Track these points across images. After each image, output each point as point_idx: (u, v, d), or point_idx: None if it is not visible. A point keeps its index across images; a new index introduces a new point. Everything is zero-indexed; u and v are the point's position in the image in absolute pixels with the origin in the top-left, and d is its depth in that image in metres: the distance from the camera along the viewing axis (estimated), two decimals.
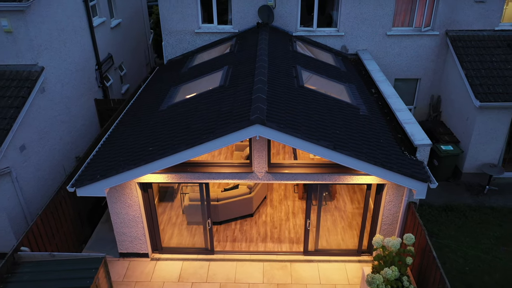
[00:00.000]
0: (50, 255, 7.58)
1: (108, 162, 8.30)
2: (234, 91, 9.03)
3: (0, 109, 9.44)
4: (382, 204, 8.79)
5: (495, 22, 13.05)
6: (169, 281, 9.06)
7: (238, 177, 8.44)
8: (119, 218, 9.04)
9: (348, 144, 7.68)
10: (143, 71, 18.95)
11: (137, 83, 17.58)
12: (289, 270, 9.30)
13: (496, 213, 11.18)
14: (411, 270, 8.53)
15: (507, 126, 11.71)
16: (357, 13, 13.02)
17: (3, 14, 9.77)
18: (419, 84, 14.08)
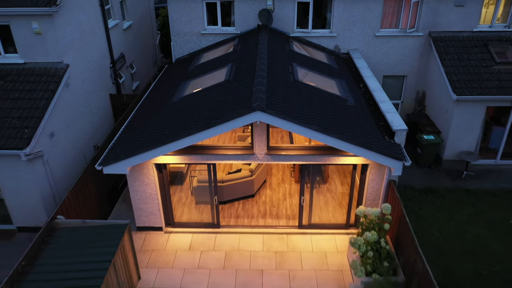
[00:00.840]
0: (82, 222, 9.00)
1: (129, 145, 9.72)
2: (238, 84, 10.45)
3: (33, 100, 10.87)
4: (367, 183, 10.20)
5: (474, 24, 14.47)
6: (181, 249, 10.48)
7: (241, 158, 9.86)
8: (137, 195, 10.45)
9: (335, 129, 9.10)
10: (151, 69, 20.38)
11: (146, 80, 19.01)
12: (286, 240, 10.72)
13: (471, 194, 12.59)
14: (390, 238, 9.93)
15: (482, 118, 13.12)
16: (348, 16, 14.45)
17: (34, 17, 11.20)
18: (405, 81, 15.50)
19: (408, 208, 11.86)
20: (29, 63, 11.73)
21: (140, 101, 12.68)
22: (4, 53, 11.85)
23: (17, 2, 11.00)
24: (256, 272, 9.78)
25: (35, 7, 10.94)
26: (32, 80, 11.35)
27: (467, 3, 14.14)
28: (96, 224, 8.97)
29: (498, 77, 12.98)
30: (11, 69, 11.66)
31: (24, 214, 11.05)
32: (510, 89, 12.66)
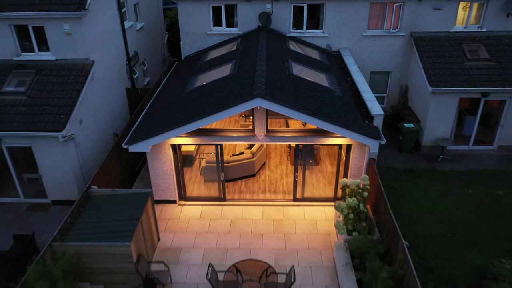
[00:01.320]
0: (112, 190, 10.87)
1: (151, 128, 11.58)
2: (241, 77, 12.31)
3: (65, 91, 12.74)
4: (351, 160, 12.05)
5: (450, 25, 16.33)
6: (193, 218, 12.35)
7: (244, 139, 11.72)
8: (155, 172, 12.31)
9: (322, 113, 10.95)
10: (160, 67, 22.25)
11: (155, 76, 20.87)
12: (282, 211, 12.58)
13: (444, 175, 14.44)
14: (370, 207, 11.78)
15: (455, 108, 14.98)
16: (338, 18, 16.30)
17: (65, 20, 13.07)
18: (390, 76, 17.37)
19: (389, 185, 13.71)
20: (59, 60, 13.59)
21: (156, 93, 14.55)
22: (38, 51, 13.71)
23: (51, 6, 12.86)
24: (257, 236, 11.64)
25: (67, 11, 12.81)
26: (63, 74, 13.21)
27: (444, 7, 16.01)
28: (124, 193, 10.83)
29: (469, 72, 14.84)
30: (44, 64, 13.52)
31: (58, 189, 12.92)
32: (479, 83, 14.53)
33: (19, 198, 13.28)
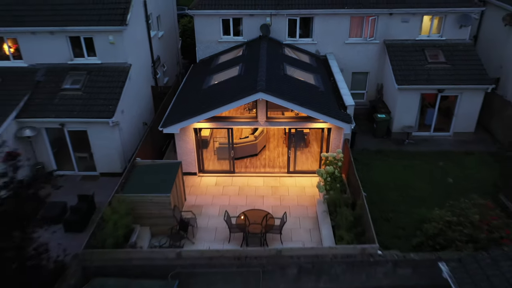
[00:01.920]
0: (152, 161, 14.69)
1: (178, 116, 15.38)
2: (246, 77, 16.09)
3: (111, 88, 16.55)
4: (331, 140, 15.82)
5: (416, 34, 20.12)
6: (210, 185, 16.16)
7: (249, 124, 15.53)
8: (181, 150, 16.10)
9: (308, 104, 14.74)
10: (175, 68, 26.02)
11: (172, 76, 24.66)
12: (278, 180, 16.39)
13: (408, 154, 18.22)
14: (345, 175, 15.55)
15: (418, 101, 18.77)
16: (325, 29, 20.08)
17: (110, 32, 16.86)
18: (368, 76, 21.15)
19: (363, 161, 17.49)
20: (104, 63, 17.39)
21: (179, 89, 18.38)
22: (87, 56, 17.52)
23: (101, 22, 16.66)
24: (259, 197, 15.45)
25: (113, 26, 16.61)
26: (108, 75, 17.01)
27: (410, 19, 19.80)
28: (161, 163, 14.65)
29: (428, 72, 18.64)
30: (92, 67, 17.32)
31: (105, 164, 16.72)
32: (436, 81, 18.33)
33: (74, 171, 17.10)
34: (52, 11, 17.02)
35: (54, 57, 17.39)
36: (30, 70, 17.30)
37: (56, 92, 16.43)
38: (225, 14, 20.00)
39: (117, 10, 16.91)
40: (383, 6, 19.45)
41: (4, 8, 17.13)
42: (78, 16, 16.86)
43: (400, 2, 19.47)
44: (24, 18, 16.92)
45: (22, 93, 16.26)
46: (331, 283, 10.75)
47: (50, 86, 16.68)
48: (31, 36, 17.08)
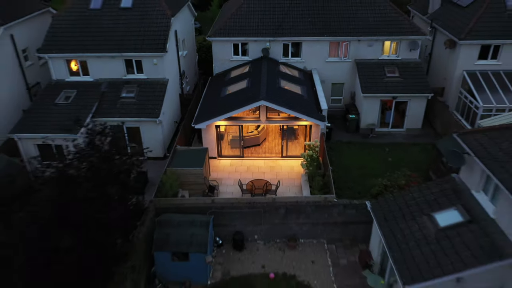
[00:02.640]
0: (187, 147, 21.48)
1: (204, 116, 22.16)
2: (252, 89, 22.85)
3: (155, 96, 23.32)
4: (312, 134, 22.58)
5: (378, 55, 26.87)
6: (225, 165, 22.95)
7: (254, 122, 22.33)
8: (206, 140, 22.87)
9: (296, 108, 21.50)
10: (194, 79, 32.82)
11: (192, 86, 31.43)
12: (275, 162, 23.17)
13: (371, 145, 24.95)
14: (321, 158, 22.24)
15: (378, 105, 25.50)
16: (310, 51, 26.83)
17: (154, 57, 23.64)
18: (344, 86, 27.89)
19: (336, 149, 24.21)
20: (149, 78, 24.16)
21: (202, 96, 25.18)
22: (136, 73, 24.29)
23: (148, 50, 23.42)
24: (261, 173, 22.21)
25: (156, 52, 23.40)
26: (152, 87, 23.79)
27: (374, 44, 26.56)
28: (193, 148, 21.45)
29: (386, 84, 25.38)
30: (141, 81, 24.08)
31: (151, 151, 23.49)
32: (391, 91, 25.04)
33: None
34: (113, 41, 23.81)
35: (113, 74, 24.19)
36: (95, 83, 24.09)
37: (117, 99, 23.21)
38: (235, 40, 26.77)
39: (159, 41, 23.68)
40: (353, 34, 26.22)
41: (79, 39, 23.93)
42: (132, 45, 23.64)
43: (366, 32, 26.24)
44: (93, 47, 23.71)
45: (94, 100, 23.04)
46: (305, 219, 17.46)
47: (112, 95, 23.46)
48: (97, 59, 23.88)
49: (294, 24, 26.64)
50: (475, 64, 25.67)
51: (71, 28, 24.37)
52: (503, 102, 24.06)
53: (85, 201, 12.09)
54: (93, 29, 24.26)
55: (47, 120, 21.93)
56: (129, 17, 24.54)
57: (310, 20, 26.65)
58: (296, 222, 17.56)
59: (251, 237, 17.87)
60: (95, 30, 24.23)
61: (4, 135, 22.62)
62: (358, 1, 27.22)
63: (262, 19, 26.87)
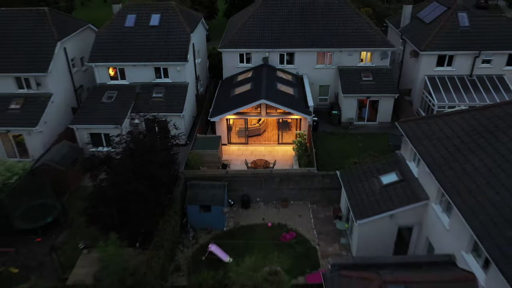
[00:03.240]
0: (204, 135, 28.07)
1: (217, 112, 28.73)
2: (254, 90, 29.40)
3: (179, 96, 29.91)
4: (302, 125, 29.13)
5: (357, 62, 33.41)
6: (234, 150, 29.57)
7: (256, 116, 28.90)
8: (219, 130, 29.44)
9: (290, 106, 28.06)
10: (205, 82, 39.39)
11: (204, 87, 38.00)
12: (273, 147, 29.78)
13: (349, 135, 31.48)
14: (308, 143, 28.76)
15: (356, 103, 32.04)
16: (302, 59, 33.39)
17: (178, 65, 30.21)
18: (330, 88, 34.44)
19: (321, 138, 30.74)
20: (173, 82, 30.74)
21: (215, 96, 31.77)
22: (163, 78, 30.86)
23: (173, 60, 29.98)
24: (262, 156, 28.78)
25: (180, 61, 29.98)
26: (176, 89, 30.37)
27: (353, 54, 33.09)
28: (210, 136, 28.04)
29: (361, 86, 31.93)
30: (167, 84, 30.66)
31: None
32: (366, 92, 31.58)
33: None
34: (145, 53, 30.38)
35: (145, 78, 30.77)
36: (131, 86, 30.66)
37: (149, 99, 29.77)
38: (241, 51, 33.34)
39: (182, 52, 30.24)
40: (336, 46, 32.78)
41: (118, 51, 30.49)
42: (160, 56, 30.21)
43: (346, 44, 32.78)
44: (129, 57, 30.29)
45: (131, 99, 29.62)
46: (294, 185, 23.98)
47: (145, 95, 30.02)
48: (132, 67, 30.46)
49: (289, 38, 33.22)
50: (434, 70, 32.24)
51: (111, 42, 30.96)
52: (454, 101, 30.62)
53: (149, 164, 18.65)
54: (128, 43, 30.85)
55: (96, 114, 28.51)
56: (157, 33, 31.15)
57: (302, 35, 33.23)
58: (287, 188, 24.08)
59: (255, 199, 24.39)
60: (130, 44, 30.83)
61: (63, 126, 29.28)
62: (340, 19, 33.79)
63: (262, 34, 33.44)
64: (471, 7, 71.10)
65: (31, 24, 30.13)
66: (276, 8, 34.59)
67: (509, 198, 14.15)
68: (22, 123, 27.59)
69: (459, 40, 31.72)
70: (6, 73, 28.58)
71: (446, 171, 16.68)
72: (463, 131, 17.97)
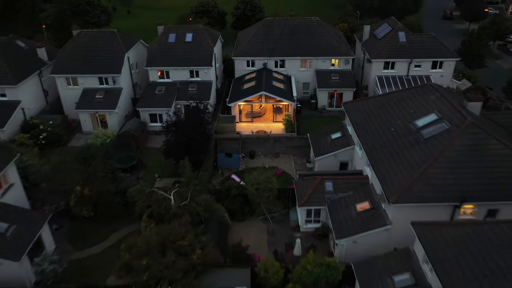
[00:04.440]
0: (225, 115, 43.25)
1: (232, 100, 43.85)
2: (257, 85, 44.49)
3: (208, 90, 45.03)
4: (289, 109, 44.23)
5: (328, 66, 48.46)
6: (243, 126, 44.81)
7: (258, 103, 44.04)
8: (233, 112, 44.57)
9: (280, 95, 43.17)
10: (221, 80, 54.45)
11: (220, 85, 53.13)
12: (270, 124, 45.08)
13: (323, 117, 46.54)
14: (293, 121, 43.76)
15: (327, 95, 47.12)
16: (290, 64, 48.49)
17: (205, 68, 45.31)
18: (310, 84, 49.55)
19: (303, 119, 45.78)
20: (203, 80, 45.86)
21: (230, 91, 46.94)
22: (195, 77, 45.97)
23: (201, 65, 45.06)
24: (262, 129, 43.90)
25: (207, 66, 45.10)
26: (205, 85, 45.49)
27: (326, 60, 48.20)
28: (228, 115, 43.21)
29: (330, 82, 47.05)
30: (198, 82, 45.76)
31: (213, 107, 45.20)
32: (333, 87, 46.68)
33: None
34: (183, 60, 45.48)
35: (183, 77, 45.92)
36: (173, 83, 45.75)
37: (186, 91, 44.86)
38: (248, 59, 48.54)
39: (207, 60, 45.40)
40: (314, 55, 47.94)
41: (164, 59, 45.65)
42: (193, 62, 45.34)
43: (320, 54, 47.91)
44: (172, 63, 45.39)
45: (174, 92, 44.72)
46: (282, 144, 39.10)
47: (183, 89, 45.11)
48: (174, 69, 45.58)
49: (281, 49, 48.38)
50: (382, 72, 47.36)
51: (159, 53, 46.09)
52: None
53: (198, 126, 33.83)
54: (171, 54, 45.97)
55: (152, 101, 43.62)
56: (191, 47, 46.29)
57: (290, 47, 48.36)
58: (278, 146, 39.17)
59: (257, 153, 39.49)
60: (172, 54, 45.95)
61: (128, 110, 44.51)
62: (316, 36, 48.89)
63: (262, 46, 48.59)
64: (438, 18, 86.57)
65: (107, 41, 45.34)
66: (272, 28, 49.73)
67: (386, 138, 29.13)
68: (105, 107, 42.73)
69: (398, 51, 46.81)
70: (93, 74, 43.73)
71: (361, 128, 31.75)
72: (373, 106, 33.06)
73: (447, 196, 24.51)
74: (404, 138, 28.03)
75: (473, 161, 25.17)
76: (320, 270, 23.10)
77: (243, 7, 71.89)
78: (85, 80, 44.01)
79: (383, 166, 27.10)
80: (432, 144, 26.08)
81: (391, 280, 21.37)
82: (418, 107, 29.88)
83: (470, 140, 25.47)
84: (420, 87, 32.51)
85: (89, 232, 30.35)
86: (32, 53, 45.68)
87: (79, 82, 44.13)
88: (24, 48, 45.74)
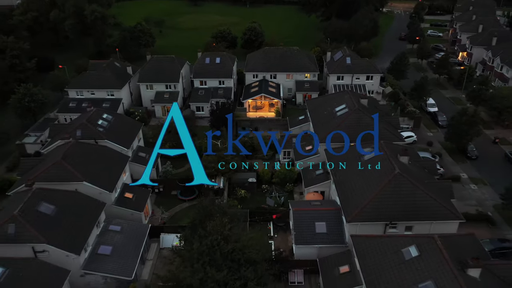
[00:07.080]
0: (240, 107, 75.34)
1: (244, 98, 75.88)
2: (259, 89, 76.45)
3: (229, 92, 77.06)
4: (278, 104, 76.20)
5: (303, 78, 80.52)
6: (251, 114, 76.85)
7: (260, 100, 76.10)
8: (245, 105, 76.47)
9: (273, 95, 75.14)
10: (236, 86, 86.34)
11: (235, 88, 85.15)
12: (266, 113, 76.99)
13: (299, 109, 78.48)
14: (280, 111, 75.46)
15: (302, 96, 79.07)
16: (280, 77, 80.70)
17: (227, 80, 77.32)
18: (292, 89, 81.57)
19: (288, 110, 77.63)
20: (226, 86, 77.94)
21: (243, 92, 79.06)
22: (223, 84, 77.93)
23: (226, 77, 77.05)
24: (263, 115, 75.96)
25: (228, 78, 77.20)
26: (227, 89, 77.62)
27: (302, 74, 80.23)
28: (242, 107, 75.29)
29: (305, 89, 79.14)
30: (224, 87, 77.78)
31: None
32: (306, 91, 78.66)
33: None
34: (215, 74, 77.60)
35: (214, 84, 78.09)
36: (209, 88, 77.87)
37: (216, 93, 76.85)
38: (253, 73, 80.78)
39: (229, 74, 77.48)
40: (294, 71, 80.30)
41: (203, 73, 77.74)
42: (220, 75, 77.47)
43: (298, 70, 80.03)
44: (209, 76, 77.43)
45: (210, 94, 76.78)
46: (272, 123, 71.00)
47: (214, 92, 77.13)
48: (210, 79, 77.65)
49: (274, 67, 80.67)
50: (336, 82, 79.57)
51: (200, 69, 78.20)
52: None
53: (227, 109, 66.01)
54: (207, 70, 78.14)
55: (197, 99, 75.66)
56: (219, 66, 78.53)
57: (279, 66, 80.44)
58: (271, 124, 71.18)
59: (259, 127, 71.44)
60: (207, 70, 78.18)
61: (182, 104, 76.70)
62: (295, 58, 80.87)
63: (263, 66, 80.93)
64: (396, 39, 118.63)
65: (169, 62, 77.53)
66: (268, 54, 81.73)
67: (323, 116, 61.06)
68: (169, 102, 74.56)
69: (346, 69, 78.99)
70: (162, 82, 75.80)
71: (312, 113, 63.66)
72: (320, 102, 65.05)
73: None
74: (329, 116, 59.81)
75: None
76: (286, 172, 55.23)
77: (249, 33, 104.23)
78: (157, 86, 76.01)
79: (321, 129, 58.92)
80: (340, 117, 57.88)
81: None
82: (338, 102, 61.70)
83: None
84: (341, 92, 64.61)
85: None
86: (123, 69, 77.67)
87: (153, 87, 76.08)
88: (118, 66, 77.74)
